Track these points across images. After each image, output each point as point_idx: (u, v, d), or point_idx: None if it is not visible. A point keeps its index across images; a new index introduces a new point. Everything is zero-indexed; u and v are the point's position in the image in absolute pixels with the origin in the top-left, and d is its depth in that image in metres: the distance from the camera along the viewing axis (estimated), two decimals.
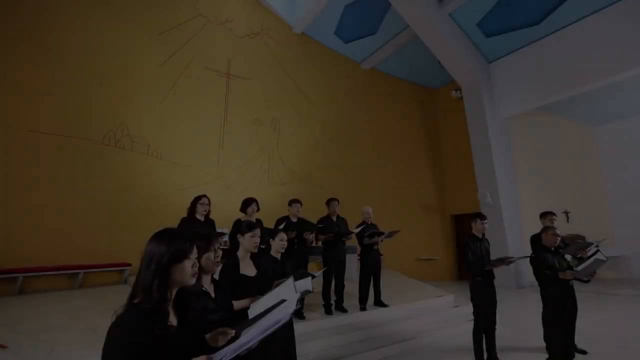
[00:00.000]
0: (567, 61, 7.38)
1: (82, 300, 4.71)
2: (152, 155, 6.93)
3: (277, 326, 1.20)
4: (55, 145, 5.92)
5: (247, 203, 4.16)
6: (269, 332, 1.19)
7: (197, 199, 3.93)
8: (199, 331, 1.29)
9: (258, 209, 4.22)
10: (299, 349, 3.44)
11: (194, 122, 7.48)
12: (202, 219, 3.90)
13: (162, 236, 1.15)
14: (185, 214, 3.94)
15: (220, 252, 1.77)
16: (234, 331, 1.37)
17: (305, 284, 2.46)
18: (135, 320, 1.02)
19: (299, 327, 4.04)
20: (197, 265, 1.19)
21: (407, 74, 10.67)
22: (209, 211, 4.01)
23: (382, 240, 5.03)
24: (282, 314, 1.25)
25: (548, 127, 9.76)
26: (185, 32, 7.61)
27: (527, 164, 9.14)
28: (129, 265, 5.96)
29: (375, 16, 8.74)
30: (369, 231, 4.91)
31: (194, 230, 1.81)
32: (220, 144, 7.84)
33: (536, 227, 4.11)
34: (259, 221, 4.15)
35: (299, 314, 4.41)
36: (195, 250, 1.19)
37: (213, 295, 1.75)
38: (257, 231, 2.44)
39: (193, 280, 1.17)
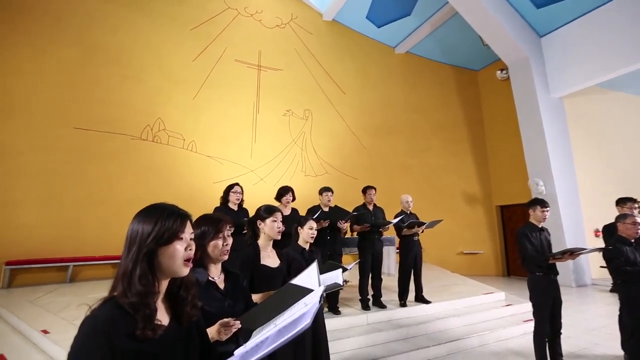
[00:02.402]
0: (630, 30, 6.44)
1: None
2: (187, 149, 7.03)
3: (295, 332, 0.92)
4: (97, 141, 6.15)
5: (283, 192, 3.95)
6: (285, 338, 0.92)
7: (230, 188, 3.83)
8: (202, 331, 1.06)
9: (294, 199, 4.03)
10: (333, 346, 3.29)
11: (227, 115, 7.51)
12: (235, 208, 3.78)
13: (147, 212, 0.93)
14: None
15: (230, 240, 1.57)
16: (238, 322, 1.16)
17: (334, 276, 2.16)
18: (109, 316, 0.82)
19: (333, 322, 3.90)
20: (193, 248, 0.96)
21: (446, 56, 10.00)
22: (242, 200, 3.89)
23: (422, 231, 4.67)
24: (300, 312, 0.99)
25: (609, 105, 8.70)
26: (216, 26, 7.62)
27: (585, 147, 8.20)
28: None
29: None
30: (409, 221, 4.56)
31: (208, 214, 1.56)
32: (253, 136, 7.82)
33: (598, 218, 3.54)
34: (294, 210, 3.97)
35: (333, 308, 4.20)
36: (189, 230, 0.96)
37: (222, 286, 1.56)
38: (279, 214, 2.22)
39: (185, 270, 0.93)
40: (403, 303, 4.57)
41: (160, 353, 0.86)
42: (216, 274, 1.54)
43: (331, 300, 4.26)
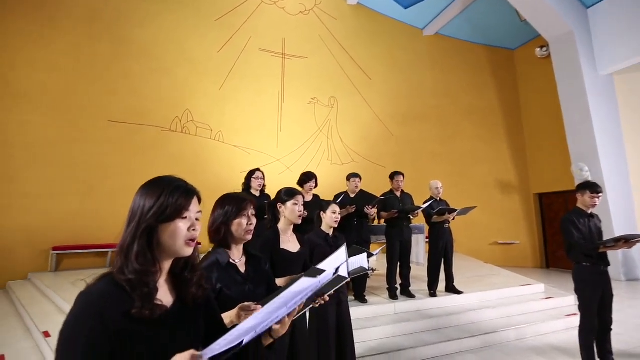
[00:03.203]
0: None
1: None
2: (214, 140, 7.14)
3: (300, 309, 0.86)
4: (130, 133, 6.37)
5: (306, 178, 3.83)
6: (276, 316, 0.83)
7: (251, 174, 3.80)
8: (211, 313, 1.00)
9: (316, 186, 3.94)
10: (359, 335, 3.22)
11: (252, 105, 7.54)
12: (257, 194, 3.76)
13: (152, 184, 0.87)
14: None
15: (254, 220, 1.51)
16: (259, 307, 1.09)
17: (359, 260, 2.06)
18: (104, 292, 0.77)
19: (359, 311, 3.82)
20: (198, 229, 0.89)
21: (478, 36, 9.43)
22: (265, 185, 3.86)
23: (453, 219, 4.45)
24: (310, 290, 0.88)
25: None
26: (240, 16, 7.61)
27: (637, 129, 7.48)
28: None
29: None
30: (439, 207, 4.35)
31: (232, 194, 1.53)
32: (278, 125, 7.81)
33: None
34: (315, 196, 3.89)
35: (360, 297, 4.10)
36: (195, 209, 0.89)
37: (243, 269, 1.50)
38: (300, 198, 2.15)
39: (188, 250, 0.87)
40: (433, 293, 4.41)
41: (159, 334, 0.80)
42: (237, 256, 1.49)
43: (358, 288, 4.18)
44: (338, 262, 1.42)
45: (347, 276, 1.47)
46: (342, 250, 1.50)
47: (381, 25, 8.93)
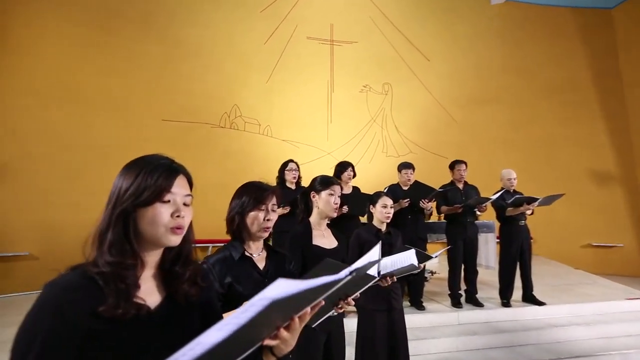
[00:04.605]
0: None
1: None
2: (263, 134, 7.08)
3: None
4: (182, 131, 6.55)
5: (342, 168, 3.51)
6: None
7: (284, 166, 3.57)
8: (209, 313, 0.85)
9: (354, 175, 3.55)
10: (414, 346, 2.85)
11: (300, 96, 7.37)
12: (292, 187, 3.49)
13: (131, 164, 0.77)
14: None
15: (274, 216, 1.32)
16: None
17: (405, 258, 1.79)
18: (70, 286, 0.67)
19: (416, 319, 3.40)
20: (185, 215, 0.77)
21: None
22: (300, 177, 3.56)
23: (532, 212, 3.70)
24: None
25: None
26: (285, 5, 7.43)
27: None
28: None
29: None
30: (514, 197, 3.63)
31: (252, 182, 1.37)
32: (328, 116, 7.52)
33: None
34: (355, 188, 3.50)
35: (417, 303, 3.62)
36: (181, 191, 0.78)
37: (262, 265, 1.33)
38: (337, 188, 1.86)
39: (173, 239, 0.75)
40: (506, 302, 3.77)
41: (136, 338, 0.69)
42: (256, 251, 1.35)
43: (414, 292, 3.70)
44: (365, 261, 1.19)
45: (375, 275, 1.29)
46: (375, 249, 1.32)
47: None
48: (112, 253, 0.70)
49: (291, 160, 3.61)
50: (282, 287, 0.55)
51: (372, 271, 1.24)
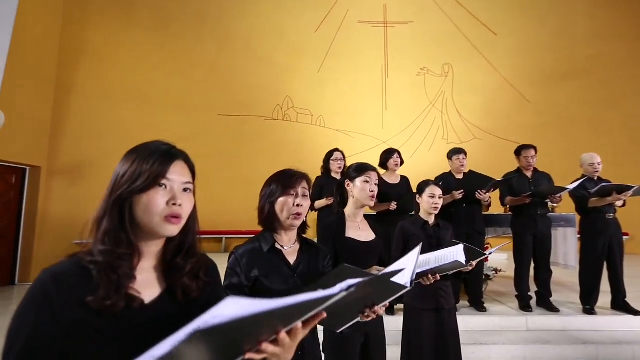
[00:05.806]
0: None
1: None
2: (315, 125, 7.08)
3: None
4: (237, 124, 6.83)
5: (388, 155, 3.29)
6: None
7: (329, 155, 3.45)
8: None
9: (402, 162, 3.30)
10: (472, 351, 2.62)
11: (353, 84, 7.25)
12: (338, 177, 3.36)
13: (132, 150, 0.75)
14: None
15: (306, 203, 1.24)
16: None
17: (451, 254, 1.60)
18: (62, 274, 0.66)
19: (476, 321, 3.11)
20: (182, 203, 0.74)
21: None
22: (345, 166, 3.42)
23: (624, 204, 3.10)
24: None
25: None
26: None
27: None
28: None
29: None
30: (600, 185, 3.09)
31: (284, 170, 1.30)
32: (383, 103, 7.29)
33: None
34: (403, 178, 3.25)
35: (477, 303, 3.30)
36: (180, 178, 0.74)
37: (293, 259, 1.26)
38: (373, 175, 1.71)
39: (169, 229, 0.71)
40: (589, 309, 3.26)
41: (125, 332, 0.67)
42: (288, 242, 1.28)
43: (473, 292, 3.38)
44: (398, 267, 1.13)
45: (408, 285, 1.09)
46: (414, 252, 1.24)
47: None
48: (105, 242, 0.68)
49: (336, 150, 3.48)
50: (220, 311, 0.46)
51: (405, 279, 1.09)
